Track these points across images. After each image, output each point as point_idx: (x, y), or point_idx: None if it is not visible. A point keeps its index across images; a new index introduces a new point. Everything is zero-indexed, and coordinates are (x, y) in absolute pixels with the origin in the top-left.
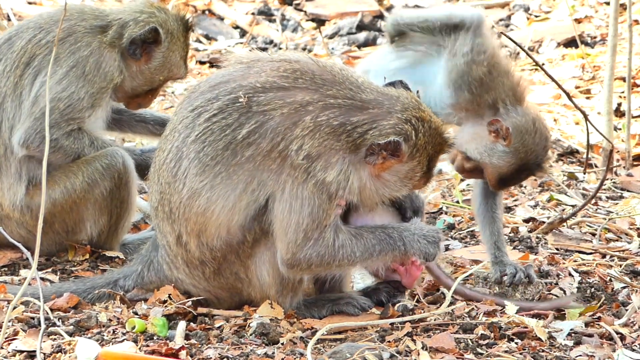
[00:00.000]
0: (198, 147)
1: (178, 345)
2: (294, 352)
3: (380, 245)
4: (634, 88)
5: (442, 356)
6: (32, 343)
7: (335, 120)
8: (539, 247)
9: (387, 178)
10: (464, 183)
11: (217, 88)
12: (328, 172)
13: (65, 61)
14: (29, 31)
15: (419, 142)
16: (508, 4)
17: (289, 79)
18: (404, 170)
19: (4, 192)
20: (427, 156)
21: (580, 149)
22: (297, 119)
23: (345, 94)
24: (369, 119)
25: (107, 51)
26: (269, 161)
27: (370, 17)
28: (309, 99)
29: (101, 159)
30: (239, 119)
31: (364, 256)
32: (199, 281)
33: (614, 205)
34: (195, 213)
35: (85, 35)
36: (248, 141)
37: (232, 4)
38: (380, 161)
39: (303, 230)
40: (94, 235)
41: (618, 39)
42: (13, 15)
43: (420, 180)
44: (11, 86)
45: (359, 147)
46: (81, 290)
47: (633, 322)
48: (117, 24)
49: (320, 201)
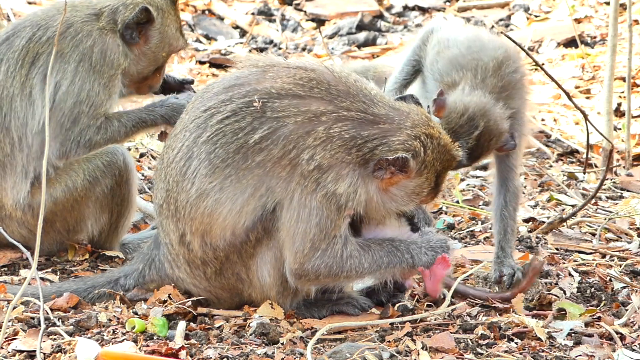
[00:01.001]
0: (209, 148)
1: (178, 345)
2: (294, 352)
3: (388, 257)
4: (634, 88)
5: (442, 356)
6: (32, 343)
7: (347, 133)
8: (539, 247)
9: (394, 193)
10: (463, 183)
11: (232, 90)
12: (339, 184)
13: (71, 56)
14: (27, 30)
15: (427, 159)
16: (508, 4)
17: (304, 87)
18: (411, 186)
19: (7, 191)
20: (435, 172)
21: (580, 149)
22: (310, 129)
23: (358, 107)
24: (379, 134)
25: (109, 37)
26: (279, 168)
27: (370, 17)
28: (323, 110)
29: (102, 157)
30: (252, 123)
31: (372, 268)
32: (199, 281)
33: (613, 205)
34: (202, 213)
35: (84, 24)
36: (260, 146)
37: (232, 4)
38: (388, 176)
39: (310, 240)
40: (95, 233)
41: (618, 39)
42: (13, 15)
43: (428, 195)
44: (18, 86)
45: (368, 162)
46: (81, 290)
47: (633, 322)
48: (108, 10)
49: (329, 212)
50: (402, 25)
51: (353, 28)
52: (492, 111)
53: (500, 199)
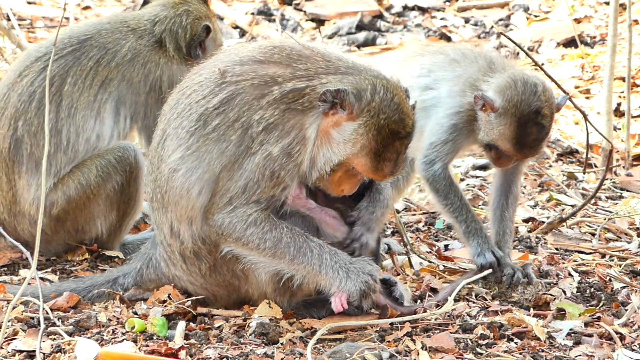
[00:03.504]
0: (177, 122)
1: (177, 345)
2: (294, 352)
3: (295, 250)
4: (634, 88)
5: (441, 356)
6: (31, 343)
7: (300, 84)
8: (538, 247)
9: (334, 137)
10: (463, 183)
11: (204, 67)
12: (279, 143)
13: (141, 86)
14: (95, 51)
15: (372, 104)
16: (508, 4)
17: (266, 54)
18: (349, 130)
19: (32, 187)
20: (376, 126)
21: (580, 149)
22: (267, 91)
23: (317, 66)
24: (335, 78)
25: (174, 64)
26: (231, 131)
27: (370, 17)
28: (280, 73)
29: (114, 152)
30: (214, 90)
31: (275, 252)
32: (195, 278)
33: (613, 205)
34: (180, 194)
35: (150, 53)
36: (217, 111)
37: (231, 3)
38: (332, 111)
39: (229, 197)
40: (104, 231)
41: (618, 39)
42: (13, 15)
43: (369, 158)
44: (84, 101)
45: (313, 103)
46: (81, 289)
47: (632, 322)
48: (168, 34)
49: (260, 176)
50: (402, 25)
51: (353, 28)
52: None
53: (502, 200)
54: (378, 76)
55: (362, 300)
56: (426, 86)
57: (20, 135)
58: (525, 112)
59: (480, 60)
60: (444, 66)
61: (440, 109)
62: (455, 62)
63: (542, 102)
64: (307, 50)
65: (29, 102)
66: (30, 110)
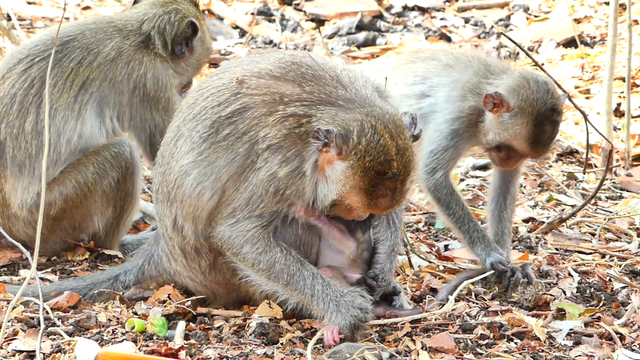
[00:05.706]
0: (192, 125)
1: (177, 345)
2: (294, 352)
3: (289, 277)
4: (634, 88)
5: (441, 356)
6: (31, 343)
7: (301, 111)
8: (538, 247)
9: (327, 174)
10: (463, 183)
11: (225, 70)
12: (282, 168)
13: (125, 87)
14: (77, 52)
15: (359, 147)
16: (508, 4)
17: (282, 70)
18: (339, 170)
19: (18, 191)
20: (362, 167)
21: (580, 149)
22: (273, 109)
23: (323, 90)
24: (329, 112)
25: (158, 62)
26: (240, 143)
27: (370, 17)
28: (289, 92)
29: (110, 148)
30: (229, 99)
31: (269, 274)
32: (195, 274)
33: (613, 205)
34: (189, 196)
35: (136, 52)
36: (229, 121)
37: (231, 4)
38: (325, 150)
39: (233, 208)
40: (101, 228)
41: (618, 39)
42: (13, 14)
43: (361, 196)
44: (64, 103)
45: (309, 135)
46: (82, 287)
47: (632, 322)
48: (156, 31)
49: (264, 192)
50: (402, 25)
51: (353, 28)
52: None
53: (500, 201)
54: (369, 114)
55: (354, 332)
56: (422, 93)
57: (2, 138)
58: (542, 110)
59: (475, 64)
60: (439, 72)
61: (438, 115)
62: (450, 67)
63: (556, 100)
64: (321, 70)
65: (10, 104)
66: (11, 113)
